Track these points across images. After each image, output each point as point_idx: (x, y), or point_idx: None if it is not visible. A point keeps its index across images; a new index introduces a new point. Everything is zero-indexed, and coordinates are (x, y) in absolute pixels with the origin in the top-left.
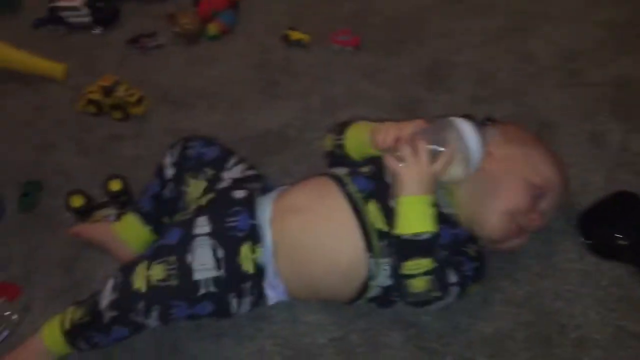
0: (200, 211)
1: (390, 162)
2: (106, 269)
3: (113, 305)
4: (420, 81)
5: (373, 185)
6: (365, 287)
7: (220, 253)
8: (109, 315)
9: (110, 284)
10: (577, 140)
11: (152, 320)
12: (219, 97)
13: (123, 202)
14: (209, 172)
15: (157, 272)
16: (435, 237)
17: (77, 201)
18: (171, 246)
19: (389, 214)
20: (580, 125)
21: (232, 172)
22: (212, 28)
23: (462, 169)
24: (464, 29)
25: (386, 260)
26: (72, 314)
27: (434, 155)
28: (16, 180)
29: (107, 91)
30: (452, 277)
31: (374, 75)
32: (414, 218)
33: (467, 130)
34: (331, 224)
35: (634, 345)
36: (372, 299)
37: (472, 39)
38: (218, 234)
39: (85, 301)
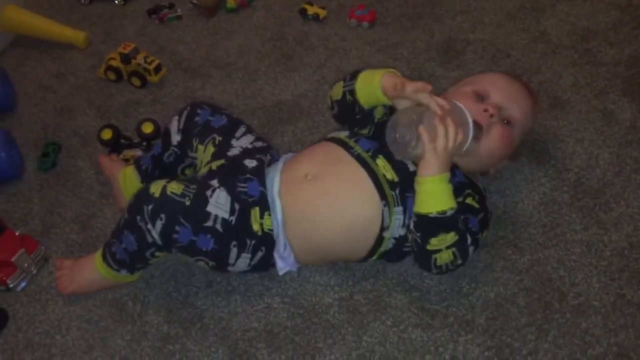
0: (211, 174)
1: (423, 135)
2: None
3: (127, 208)
4: (434, 56)
5: (376, 144)
6: (379, 241)
7: (236, 205)
8: (123, 217)
9: None
10: (587, 117)
11: (155, 232)
12: (235, 68)
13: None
14: (217, 138)
15: (175, 187)
16: (457, 211)
17: (107, 134)
18: (194, 179)
19: (397, 166)
20: (591, 102)
21: (241, 141)
22: (231, 1)
23: (464, 149)
24: (480, 7)
25: (399, 208)
26: None
27: None
28: (37, 141)
29: (126, 58)
30: (468, 240)
31: (388, 50)
32: (439, 197)
33: (469, 117)
34: (346, 184)
35: (633, 313)
36: (383, 254)
37: (487, 17)
38: (231, 194)
39: None
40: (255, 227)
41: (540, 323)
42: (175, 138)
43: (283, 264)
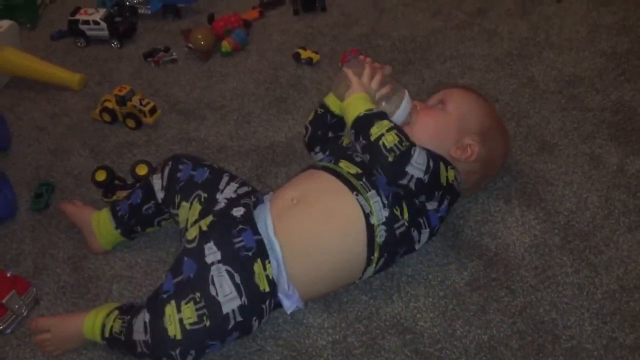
0: (204, 237)
1: (346, 70)
2: (113, 269)
3: (147, 346)
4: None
5: (336, 155)
6: (371, 231)
7: (237, 278)
8: (142, 349)
9: (141, 319)
10: (575, 161)
11: None
12: (229, 110)
13: None
14: (202, 195)
15: (189, 314)
16: (384, 113)
17: (101, 175)
18: (193, 281)
19: (358, 163)
20: (579, 147)
21: (225, 192)
22: (225, 45)
23: (392, 113)
24: (469, 54)
25: (372, 192)
26: (113, 323)
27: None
28: (30, 181)
29: (122, 100)
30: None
31: None
32: (363, 102)
33: (405, 100)
34: (321, 191)
35: (626, 356)
36: (382, 250)
37: (476, 63)
38: (229, 259)
39: (126, 312)
40: (262, 285)
41: None
42: (160, 195)
43: (289, 302)
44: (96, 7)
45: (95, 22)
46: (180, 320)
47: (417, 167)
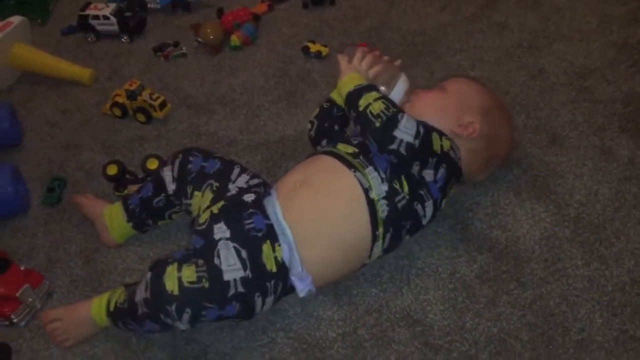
0: (215, 218)
1: (339, 56)
2: (125, 262)
3: (146, 303)
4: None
5: (334, 141)
6: (372, 206)
7: (244, 253)
8: (142, 310)
9: (144, 281)
10: (586, 153)
11: (183, 323)
12: (239, 104)
13: None
14: (214, 184)
15: (188, 273)
16: (373, 86)
17: (112, 169)
18: (197, 250)
19: (354, 144)
20: (589, 139)
21: (237, 182)
22: (235, 39)
23: (388, 92)
24: (479, 46)
25: (370, 168)
26: (118, 297)
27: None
28: (42, 176)
29: (132, 95)
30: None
31: None
32: (353, 80)
33: (401, 80)
34: (322, 172)
35: (636, 348)
36: (387, 225)
37: (486, 55)
38: (238, 236)
39: (130, 286)
40: (269, 265)
41: (544, 358)
42: (171, 187)
43: (302, 285)
44: (106, 2)
45: (105, 17)
46: (179, 278)
47: (405, 131)
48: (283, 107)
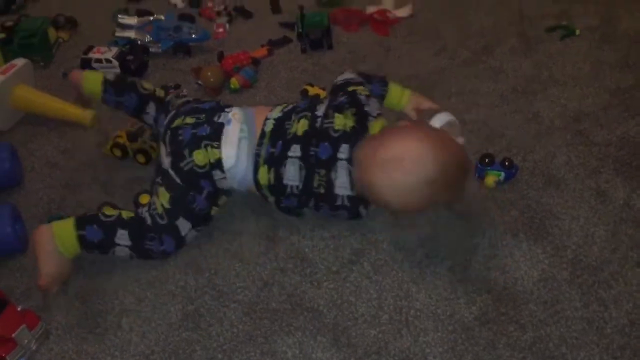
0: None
1: None
2: (122, 303)
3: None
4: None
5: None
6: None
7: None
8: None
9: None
10: (582, 195)
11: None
12: None
13: None
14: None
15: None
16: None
17: (109, 212)
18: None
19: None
20: (585, 181)
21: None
22: (234, 82)
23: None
24: (475, 90)
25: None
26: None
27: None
28: (41, 216)
29: (133, 136)
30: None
31: None
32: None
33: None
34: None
35: None
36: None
37: (482, 99)
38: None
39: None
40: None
41: None
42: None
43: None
44: (108, 45)
45: (108, 60)
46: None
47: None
48: None
